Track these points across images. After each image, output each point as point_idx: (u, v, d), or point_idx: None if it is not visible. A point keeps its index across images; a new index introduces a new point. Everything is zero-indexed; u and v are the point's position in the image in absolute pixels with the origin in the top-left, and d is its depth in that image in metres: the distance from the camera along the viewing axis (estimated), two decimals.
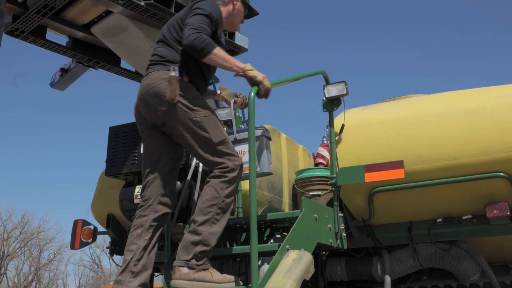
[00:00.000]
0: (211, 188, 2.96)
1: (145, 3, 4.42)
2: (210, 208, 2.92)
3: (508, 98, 3.54)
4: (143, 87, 3.12)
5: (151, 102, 3.06)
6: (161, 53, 3.18)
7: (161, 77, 3.06)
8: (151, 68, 3.18)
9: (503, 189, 3.46)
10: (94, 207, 4.97)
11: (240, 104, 3.59)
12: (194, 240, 2.86)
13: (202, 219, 2.90)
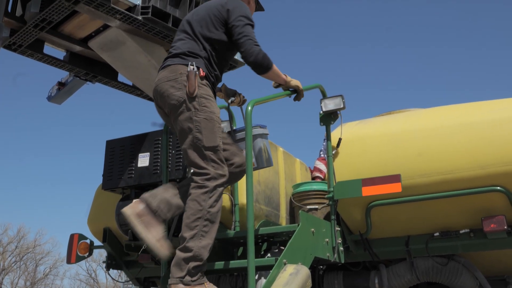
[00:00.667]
0: (193, 202, 2.93)
1: (143, 18, 4.44)
2: (196, 222, 2.90)
3: (504, 112, 3.56)
4: (160, 78, 3.15)
5: (166, 92, 3.08)
6: (184, 46, 3.21)
7: (180, 71, 3.09)
8: (170, 60, 3.20)
9: (500, 203, 3.46)
10: (91, 221, 4.95)
11: (238, 102, 3.60)
12: (186, 257, 2.84)
13: (190, 234, 2.87)
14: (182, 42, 3.25)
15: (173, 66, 3.14)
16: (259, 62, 3.15)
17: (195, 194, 2.94)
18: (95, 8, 4.21)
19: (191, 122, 3.01)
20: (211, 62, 3.23)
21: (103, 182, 4.40)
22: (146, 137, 4.28)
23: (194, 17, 3.35)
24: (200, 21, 3.28)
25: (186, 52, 3.17)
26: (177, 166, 4.02)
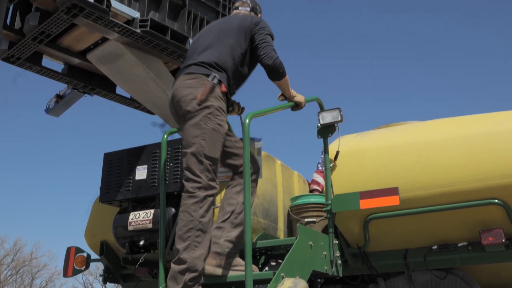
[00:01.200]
0: (184, 213, 2.96)
1: (141, 31, 4.46)
2: (188, 233, 2.91)
3: (502, 125, 3.57)
4: (182, 83, 3.23)
5: (182, 99, 3.18)
6: (211, 56, 3.29)
7: (201, 82, 3.18)
8: (195, 68, 3.28)
9: (498, 216, 3.46)
10: (88, 234, 4.93)
11: (236, 111, 3.65)
12: (181, 269, 2.84)
13: (183, 246, 2.88)
14: (211, 51, 3.33)
15: (197, 75, 3.22)
16: (276, 67, 3.33)
17: (186, 205, 2.97)
18: (94, 21, 4.23)
19: (199, 129, 3.08)
20: (234, 77, 3.33)
21: (100, 195, 4.39)
22: (144, 149, 4.28)
23: (224, 27, 3.48)
24: (230, 32, 3.42)
25: (212, 63, 3.26)
26: (175, 179, 4.02)
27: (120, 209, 4.32)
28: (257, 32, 3.40)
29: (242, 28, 3.42)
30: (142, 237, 4.05)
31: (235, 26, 3.44)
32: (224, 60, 3.29)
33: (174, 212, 3.97)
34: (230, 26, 3.45)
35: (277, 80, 3.43)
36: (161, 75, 4.99)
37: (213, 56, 3.29)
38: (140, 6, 4.63)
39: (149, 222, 4.00)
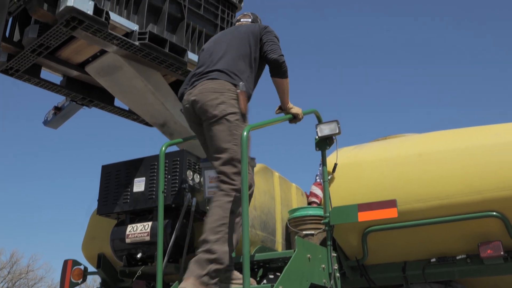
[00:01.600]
0: (219, 208, 3.05)
1: (140, 43, 4.48)
2: (221, 228, 3.00)
3: (500, 137, 3.57)
4: (206, 88, 3.29)
5: (208, 103, 3.23)
6: (230, 63, 3.38)
7: (226, 87, 3.27)
8: (217, 74, 3.34)
9: (496, 228, 3.46)
10: (85, 247, 4.91)
11: None
12: (209, 258, 2.92)
13: (214, 238, 2.97)
14: (228, 59, 3.41)
15: (221, 81, 3.29)
16: (280, 62, 3.41)
17: (222, 201, 3.08)
18: (93, 33, 4.25)
19: (230, 135, 3.18)
20: (250, 83, 3.42)
21: (98, 207, 4.38)
22: (142, 162, 4.27)
23: (236, 34, 3.57)
24: (242, 39, 3.51)
25: (234, 71, 3.34)
26: (173, 191, 4.01)
27: (118, 222, 4.31)
28: (264, 34, 3.52)
29: (252, 35, 3.52)
30: (140, 250, 4.03)
31: (245, 33, 3.53)
32: (242, 68, 3.39)
33: (172, 225, 3.95)
34: (241, 34, 3.54)
35: (279, 78, 3.45)
36: (159, 88, 5.01)
37: (231, 64, 3.38)
38: (139, 18, 4.65)
39: (147, 234, 3.98)
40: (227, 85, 3.28)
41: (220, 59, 3.41)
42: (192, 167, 4.13)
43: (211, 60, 3.46)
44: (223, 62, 3.39)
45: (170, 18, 4.92)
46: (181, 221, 3.87)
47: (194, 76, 3.47)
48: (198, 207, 4.04)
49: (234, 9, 5.57)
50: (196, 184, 4.09)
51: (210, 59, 3.47)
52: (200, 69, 3.46)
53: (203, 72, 3.41)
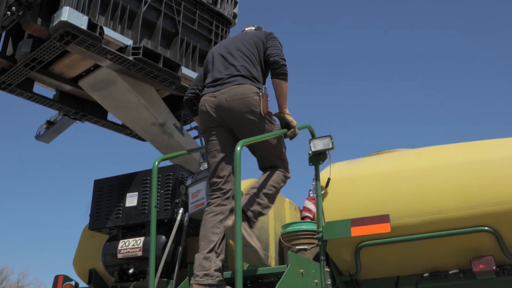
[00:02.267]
0: (277, 175, 3.50)
1: (134, 58, 4.49)
2: (273, 188, 3.43)
3: (492, 152, 3.60)
4: (234, 94, 3.42)
5: (242, 110, 3.39)
6: (248, 69, 3.54)
7: (253, 91, 3.43)
8: (242, 79, 3.49)
9: (488, 243, 3.47)
10: (76, 262, 4.87)
11: None
12: (259, 201, 3.33)
13: (267, 192, 3.39)
14: (245, 64, 3.56)
15: (247, 86, 3.45)
16: (281, 64, 3.55)
17: (280, 173, 3.53)
18: (86, 48, 4.26)
19: (275, 140, 3.51)
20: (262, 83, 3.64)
21: (90, 222, 4.35)
22: (134, 176, 4.26)
23: (247, 41, 3.69)
24: (251, 46, 3.66)
25: (252, 76, 3.52)
26: (166, 206, 4.00)
27: (110, 237, 4.29)
28: (269, 40, 3.68)
29: (259, 40, 3.68)
30: (132, 265, 4.01)
31: (253, 39, 3.68)
32: (256, 74, 3.56)
33: (164, 240, 3.94)
34: (250, 41, 3.68)
35: (278, 79, 3.54)
36: (153, 102, 5.01)
37: (249, 69, 3.55)
38: (133, 33, 4.67)
39: (139, 249, 3.96)
40: (253, 89, 3.44)
41: (238, 65, 3.55)
42: (185, 181, 4.12)
43: (227, 66, 3.59)
44: (241, 67, 3.53)
45: (164, 33, 4.95)
46: (174, 236, 3.86)
47: (215, 81, 3.56)
48: (191, 222, 4.02)
49: (228, 25, 5.61)
50: None
51: (227, 65, 3.60)
52: (219, 74, 3.58)
53: (225, 78, 3.53)
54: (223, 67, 3.59)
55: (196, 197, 3.61)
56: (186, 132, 5.43)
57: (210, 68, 3.69)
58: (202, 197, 3.62)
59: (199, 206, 3.59)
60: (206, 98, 3.52)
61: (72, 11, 4.06)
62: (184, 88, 4.96)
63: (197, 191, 3.65)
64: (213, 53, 3.76)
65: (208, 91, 3.55)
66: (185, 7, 5.16)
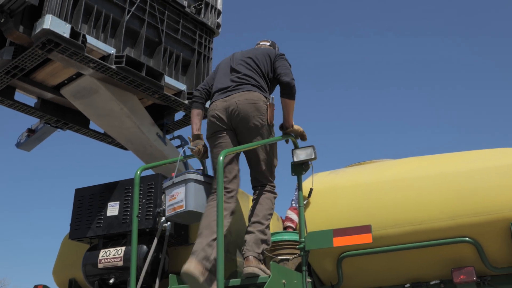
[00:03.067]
0: (268, 200, 3.69)
1: (117, 67, 4.47)
2: (269, 216, 3.63)
3: (474, 164, 3.64)
4: (245, 98, 3.67)
5: (250, 114, 3.64)
6: (256, 79, 3.79)
7: (261, 99, 3.69)
8: (252, 87, 3.73)
9: (469, 254, 3.49)
10: (56, 272, 4.81)
11: (196, 153, 3.80)
12: (263, 239, 3.53)
13: (266, 223, 3.59)
14: (252, 75, 3.80)
15: (256, 93, 3.70)
16: (292, 85, 3.72)
17: (269, 196, 3.72)
18: (69, 56, 4.23)
19: (271, 146, 3.75)
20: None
21: (70, 231, 4.31)
22: (116, 185, 4.23)
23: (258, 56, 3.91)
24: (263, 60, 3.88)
25: (260, 86, 3.76)
26: (147, 216, 3.97)
27: (90, 246, 4.24)
28: (279, 60, 3.88)
29: (267, 57, 3.90)
30: (112, 275, 3.97)
31: (263, 56, 3.91)
32: (264, 86, 3.80)
33: (146, 250, 3.91)
34: (261, 56, 3.91)
35: (288, 99, 3.72)
36: (135, 111, 4.99)
37: (257, 79, 3.78)
38: (116, 42, 4.65)
39: (120, 259, 3.93)
40: (261, 97, 3.69)
41: (246, 75, 3.79)
42: None
43: (237, 76, 3.82)
44: (250, 78, 3.77)
45: (147, 42, 4.94)
46: (155, 246, 3.83)
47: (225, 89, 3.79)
48: (173, 232, 4.00)
49: (211, 35, 5.62)
50: None
51: (236, 75, 3.83)
52: (228, 83, 3.81)
53: (235, 85, 3.76)
54: (233, 76, 3.84)
55: (173, 199, 3.64)
56: (169, 141, 5.41)
57: (220, 76, 3.93)
58: (180, 199, 3.62)
59: (177, 209, 3.58)
60: (217, 104, 3.73)
61: (54, 19, 4.03)
62: (167, 97, 4.96)
63: (175, 194, 3.66)
64: (225, 62, 4.02)
65: (218, 98, 3.77)
66: (168, 16, 5.16)
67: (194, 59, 5.36)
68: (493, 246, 3.46)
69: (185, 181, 3.62)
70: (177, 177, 3.66)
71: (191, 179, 3.64)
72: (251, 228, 3.59)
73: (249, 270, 3.36)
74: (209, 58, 5.51)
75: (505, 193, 3.43)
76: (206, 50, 5.50)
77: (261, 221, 3.58)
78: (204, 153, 3.82)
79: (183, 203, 3.64)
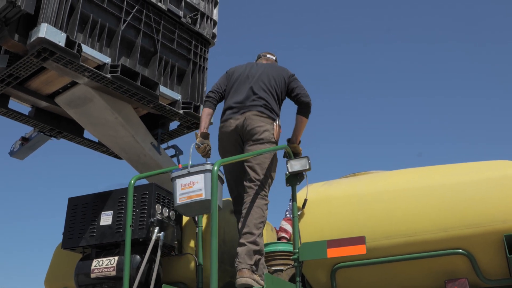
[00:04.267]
0: (259, 209, 3.72)
1: (112, 76, 4.47)
2: (260, 225, 3.66)
3: (467, 176, 3.65)
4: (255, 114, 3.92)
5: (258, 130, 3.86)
6: (268, 101, 4.01)
7: (270, 120, 3.95)
8: (262, 108, 3.96)
9: (462, 266, 3.49)
10: (48, 281, 4.78)
11: (202, 151, 3.99)
12: (255, 250, 3.57)
13: (258, 232, 3.61)
14: (265, 97, 4.02)
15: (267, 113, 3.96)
16: (310, 105, 4.09)
17: (260, 203, 3.75)
18: (64, 65, 4.23)
19: (270, 158, 3.89)
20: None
21: (63, 241, 4.28)
22: (110, 195, 4.21)
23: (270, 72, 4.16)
24: (275, 81, 4.12)
25: (271, 108, 4.00)
26: (141, 225, 3.95)
27: (83, 256, 4.21)
28: (292, 81, 4.16)
29: (281, 79, 4.13)
30: (105, 285, 3.94)
31: (277, 77, 4.13)
32: (275, 107, 4.04)
33: (139, 259, 3.88)
34: (273, 76, 4.13)
35: (305, 117, 4.09)
36: (130, 121, 4.98)
37: (270, 101, 4.02)
38: (111, 51, 4.66)
39: (113, 269, 3.90)
40: (271, 120, 3.95)
41: (260, 96, 4.00)
42: (161, 201, 4.09)
43: (250, 95, 4.01)
44: (263, 99, 3.99)
45: (143, 52, 4.94)
46: (149, 256, 3.81)
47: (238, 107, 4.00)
48: (166, 242, 3.98)
49: (207, 45, 5.64)
50: (164, 218, 4.04)
51: (250, 93, 4.02)
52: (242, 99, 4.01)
53: (248, 105, 3.98)
54: (247, 94, 4.03)
55: (188, 188, 3.64)
56: (163, 151, 5.40)
57: (236, 89, 4.12)
58: (199, 188, 3.62)
59: (193, 197, 3.58)
60: (231, 122, 3.96)
61: (50, 28, 4.04)
62: (162, 106, 4.96)
63: (191, 182, 3.65)
64: (241, 72, 4.20)
65: (231, 115, 3.99)
66: (164, 26, 5.17)
67: (189, 69, 5.37)
68: (486, 258, 3.46)
69: (205, 171, 3.60)
70: (194, 167, 3.63)
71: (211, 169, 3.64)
72: (242, 240, 3.61)
73: (242, 281, 3.37)
74: (205, 68, 5.52)
75: (498, 205, 3.44)
76: (202, 60, 5.51)
77: (252, 231, 3.60)
78: (208, 152, 4.00)
79: (203, 192, 3.58)
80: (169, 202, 4.14)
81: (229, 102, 4.10)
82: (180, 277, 4.11)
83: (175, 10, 5.25)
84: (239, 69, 4.26)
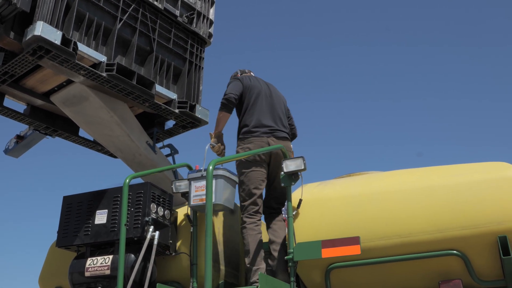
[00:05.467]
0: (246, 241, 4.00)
1: (107, 74, 4.46)
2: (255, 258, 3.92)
3: (462, 177, 3.66)
4: (288, 146, 4.32)
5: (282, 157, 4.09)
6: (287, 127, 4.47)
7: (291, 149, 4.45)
8: (288, 136, 4.41)
9: (457, 267, 3.50)
10: (43, 279, 4.77)
11: (217, 150, 4.26)
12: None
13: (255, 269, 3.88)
14: (286, 124, 4.45)
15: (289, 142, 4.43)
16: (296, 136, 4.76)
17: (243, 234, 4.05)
18: (59, 63, 4.22)
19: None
20: None
21: (57, 239, 4.27)
22: (105, 193, 4.21)
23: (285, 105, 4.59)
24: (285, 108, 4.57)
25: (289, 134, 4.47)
26: (136, 224, 3.95)
27: (78, 254, 4.21)
28: (288, 110, 4.64)
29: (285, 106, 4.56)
30: (100, 284, 3.94)
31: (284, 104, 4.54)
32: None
33: (133, 258, 3.88)
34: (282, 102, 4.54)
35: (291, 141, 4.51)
36: (125, 119, 4.98)
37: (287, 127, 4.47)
38: (107, 50, 4.65)
39: (107, 268, 3.90)
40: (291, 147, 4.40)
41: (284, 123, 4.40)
42: (156, 200, 4.08)
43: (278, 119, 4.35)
44: (286, 127, 4.43)
45: (138, 51, 4.94)
46: (143, 255, 3.81)
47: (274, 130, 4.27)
48: (161, 241, 3.98)
49: (203, 44, 5.64)
50: (159, 217, 4.03)
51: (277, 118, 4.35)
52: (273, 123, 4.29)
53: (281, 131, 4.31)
54: (276, 117, 4.34)
55: (201, 191, 3.87)
56: (159, 150, 5.39)
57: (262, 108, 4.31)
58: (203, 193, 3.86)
59: (204, 200, 3.77)
60: (269, 141, 4.16)
61: (46, 26, 4.03)
62: (158, 105, 4.95)
63: (203, 186, 3.85)
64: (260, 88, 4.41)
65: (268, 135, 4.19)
66: (160, 25, 5.16)
67: (185, 68, 5.36)
68: (480, 259, 3.47)
69: (215, 176, 3.80)
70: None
71: (221, 175, 3.86)
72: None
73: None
74: (201, 67, 5.52)
75: (493, 206, 3.45)
76: (198, 60, 5.50)
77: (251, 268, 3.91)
78: (222, 151, 4.25)
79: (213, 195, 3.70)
80: (164, 201, 4.14)
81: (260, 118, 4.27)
82: (174, 276, 4.11)
83: (172, 9, 5.25)
84: (255, 83, 4.44)
